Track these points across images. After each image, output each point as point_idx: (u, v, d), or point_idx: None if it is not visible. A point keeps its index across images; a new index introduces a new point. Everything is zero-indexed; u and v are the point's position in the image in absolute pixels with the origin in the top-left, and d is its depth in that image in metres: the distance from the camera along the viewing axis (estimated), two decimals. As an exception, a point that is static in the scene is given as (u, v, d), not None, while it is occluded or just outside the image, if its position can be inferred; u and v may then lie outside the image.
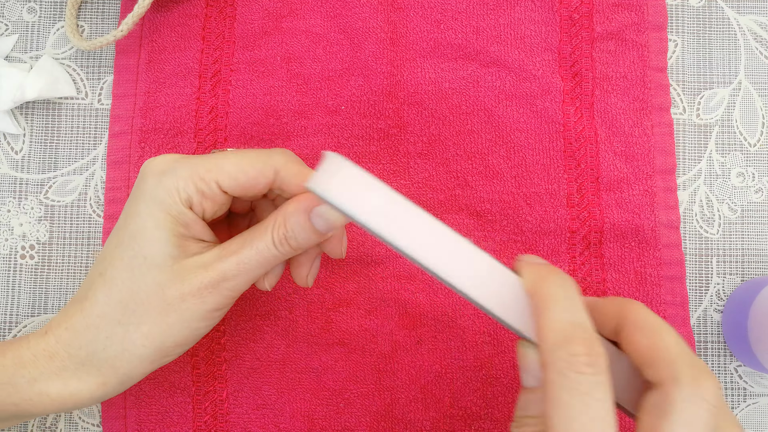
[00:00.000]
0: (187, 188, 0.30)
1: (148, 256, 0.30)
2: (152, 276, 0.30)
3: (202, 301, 0.30)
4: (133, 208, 0.31)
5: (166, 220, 0.30)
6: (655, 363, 0.24)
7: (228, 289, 0.31)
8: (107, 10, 0.44)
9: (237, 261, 0.30)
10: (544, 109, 0.42)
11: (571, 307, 0.24)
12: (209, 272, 0.30)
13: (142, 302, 0.30)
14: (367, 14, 0.42)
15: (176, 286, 0.30)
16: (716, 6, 0.44)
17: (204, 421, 0.40)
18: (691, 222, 0.42)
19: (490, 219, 0.41)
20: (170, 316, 0.30)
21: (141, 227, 0.30)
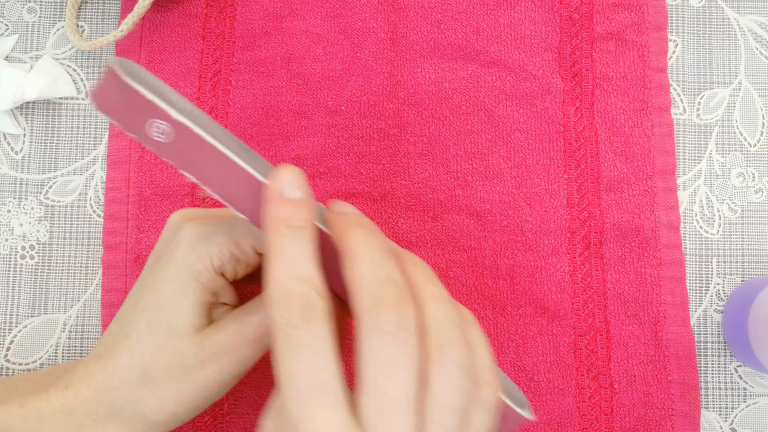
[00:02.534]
0: (221, 256, 0.29)
1: (173, 325, 0.29)
2: (174, 344, 0.29)
3: (220, 368, 0.29)
4: (163, 273, 0.30)
5: (195, 290, 0.29)
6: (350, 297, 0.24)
7: (248, 356, 0.30)
8: (107, 10, 0.44)
9: (258, 321, 0.29)
10: (544, 110, 0.42)
11: (294, 259, 0.24)
12: (228, 336, 0.29)
13: (162, 369, 0.29)
14: (367, 14, 0.42)
15: (195, 354, 0.29)
16: (716, 6, 0.44)
17: (204, 421, 0.40)
18: (691, 222, 0.42)
19: (490, 219, 0.41)
20: (185, 384, 0.29)
21: (170, 295, 0.29)
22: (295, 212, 0.25)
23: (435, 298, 0.25)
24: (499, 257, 0.41)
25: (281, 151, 0.41)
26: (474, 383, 0.24)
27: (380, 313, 0.23)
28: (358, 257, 0.24)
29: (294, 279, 0.24)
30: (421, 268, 0.26)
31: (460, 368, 0.24)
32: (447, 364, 0.23)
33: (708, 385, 0.41)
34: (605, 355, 0.40)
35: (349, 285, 0.24)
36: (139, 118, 0.25)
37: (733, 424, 0.41)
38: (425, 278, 0.25)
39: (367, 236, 0.25)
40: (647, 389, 0.40)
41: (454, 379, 0.23)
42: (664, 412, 0.40)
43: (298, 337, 0.23)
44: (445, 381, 0.23)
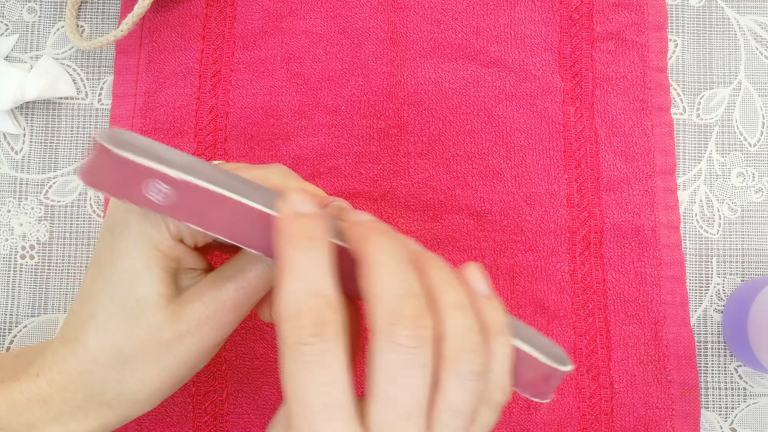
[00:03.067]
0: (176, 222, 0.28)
1: (140, 298, 0.28)
2: (146, 319, 0.28)
3: (200, 338, 0.28)
4: (119, 245, 0.28)
5: (157, 258, 0.28)
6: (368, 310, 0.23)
7: (229, 322, 0.28)
8: (107, 10, 0.44)
9: (235, 287, 0.28)
10: (544, 109, 0.42)
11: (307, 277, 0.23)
12: (206, 304, 0.28)
13: (137, 347, 0.28)
14: (367, 14, 0.42)
15: (172, 327, 0.28)
16: (716, 6, 0.44)
17: (204, 421, 0.40)
18: (691, 222, 0.42)
19: (490, 219, 0.41)
20: (167, 359, 0.28)
21: (130, 267, 0.28)
22: (308, 224, 0.24)
23: (453, 305, 0.24)
24: (499, 257, 0.41)
25: (281, 151, 0.41)
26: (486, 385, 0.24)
27: (397, 327, 0.23)
28: (377, 269, 0.24)
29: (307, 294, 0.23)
30: (441, 271, 0.25)
31: (475, 374, 0.24)
32: (461, 370, 0.23)
33: (708, 385, 0.41)
34: (605, 355, 0.40)
35: (367, 297, 0.23)
36: (133, 184, 0.24)
37: (733, 424, 0.41)
38: (445, 283, 0.25)
39: (386, 244, 0.24)
40: (647, 389, 0.40)
41: (467, 385, 0.23)
42: (664, 412, 0.40)
43: (310, 354, 0.22)
44: (458, 387, 0.23)
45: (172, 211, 0.25)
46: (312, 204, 0.25)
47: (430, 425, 0.23)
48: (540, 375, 0.27)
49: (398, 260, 0.24)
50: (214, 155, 0.42)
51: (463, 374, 0.23)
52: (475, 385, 0.24)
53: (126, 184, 0.24)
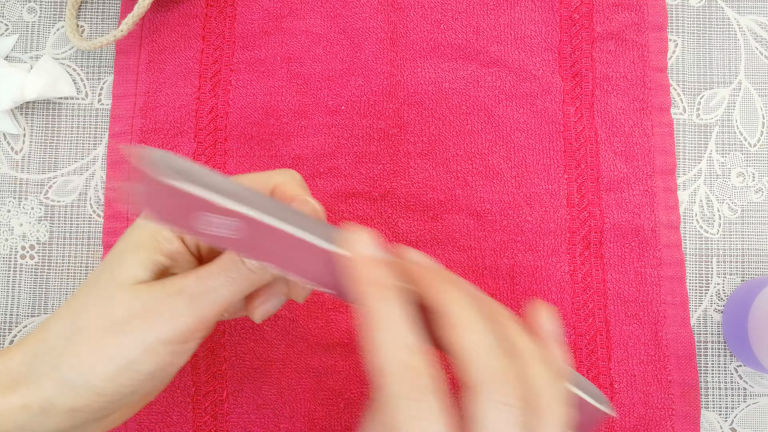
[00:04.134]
0: None
1: (116, 274, 0.27)
2: (108, 293, 0.27)
3: (148, 326, 0.26)
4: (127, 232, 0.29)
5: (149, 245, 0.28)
6: (458, 364, 0.24)
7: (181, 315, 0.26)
8: (107, 10, 0.44)
9: (196, 275, 0.27)
10: (544, 109, 0.42)
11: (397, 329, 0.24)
12: (164, 288, 0.27)
13: (89, 320, 0.27)
14: (367, 14, 0.42)
15: (126, 306, 0.27)
16: (716, 6, 0.44)
17: (204, 421, 0.40)
18: (691, 222, 0.42)
19: (490, 219, 0.41)
20: (109, 341, 0.26)
21: (123, 248, 0.28)
22: (381, 272, 0.25)
23: (534, 357, 0.26)
24: (499, 257, 0.41)
25: (281, 151, 0.41)
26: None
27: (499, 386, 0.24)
28: (463, 324, 0.25)
29: (401, 348, 0.24)
30: (511, 321, 0.27)
31: (564, 422, 0.25)
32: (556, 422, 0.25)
33: (708, 385, 0.41)
34: (605, 355, 0.40)
35: (457, 352, 0.24)
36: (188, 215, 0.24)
37: (733, 424, 0.41)
38: (519, 335, 0.26)
39: (463, 297, 0.25)
40: (647, 389, 0.40)
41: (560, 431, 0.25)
42: (664, 412, 0.40)
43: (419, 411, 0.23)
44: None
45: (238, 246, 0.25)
46: (377, 246, 0.26)
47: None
48: (587, 417, 0.28)
49: (479, 314, 0.25)
50: (214, 155, 0.42)
51: (556, 424, 0.25)
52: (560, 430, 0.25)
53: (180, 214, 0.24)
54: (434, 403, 0.23)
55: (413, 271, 0.27)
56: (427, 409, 0.23)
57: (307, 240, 0.25)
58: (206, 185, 0.24)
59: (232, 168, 0.42)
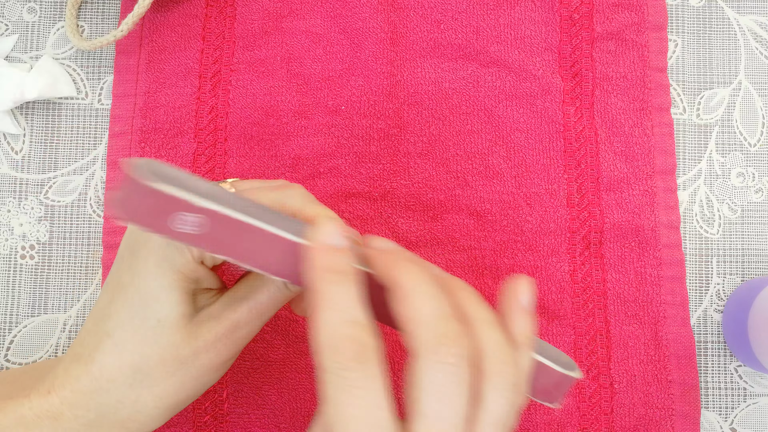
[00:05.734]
0: None
1: (162, 318, 0.29)
2: (166, 338, 0.29)
3: (216, 354, 0.29)
4: (140, 266, 0.29)
5: (179, 280, 0.29)
6: (405, 334, 0.25)
7: (241, 338, 0.30)
8: (107, 10, 0.44)
9: (248, 308, 0.30)
10: (544, 109, 0.42)
11: (343, 307, 0.25)
12: (221, 323, 0.29)
13: (156, 365, 0.29)
14: (367, 14, 0.42)
15: (189, 344, 0.29)
16: (716, 6, 0.44)
17: (204, 421, 0.40)
18: (691, 222, 0.42)
19: (490, 219, 0.41)
20: (184, 375, 0.29)
21: (153, 289, 0.29)
22: (338, 258, 0.26)
23: (485, 322, 0.26)
24: (499, 257, 0.41)
25: (281, 151, 0.41)
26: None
27: (442, 347, 0.24)
28: (412, 294, 0.25)
29: (344, 322, 0.24)
30: (468, 293, 0.27)
31: (512, 385, 0.25)
32: (502, 383, 0.25)
33: (708, 385, 0.41)
34: (605, 355, 0.40)
35: (406, 321, 0.25)
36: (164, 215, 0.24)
37: (733, 424, 0.41)
38: (474, 303, 0.27)
39: (416, 271, 0.26)
40: (647, 389, 0.40)
41: (507, 395, 0.25)
42: (664, 412, 0.40)
43: (353, 380, 0.24)
44: (500, 398, 0.25)
45: (201, 242, 0.25)
46: (341, 236, 0.26)
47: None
48: (553, 382, 0.29)
49: (431, 285, 0.25)
50: (214, 155, 0.42)
51: (504, 386, 0.25)
52: (512, 395, 0.25)
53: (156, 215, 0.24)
54: (372, 371, 0.24)
55: (373, 255, 0.27)
56: (363, 378, 0.24)
57: (271, 231, 0.26)
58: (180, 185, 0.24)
59: (232, 168, 0.42)
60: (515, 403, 0.26)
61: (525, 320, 0.27)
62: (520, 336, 0.27)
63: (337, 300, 0.25)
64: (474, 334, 0.25)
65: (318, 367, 0.24)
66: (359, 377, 0.24)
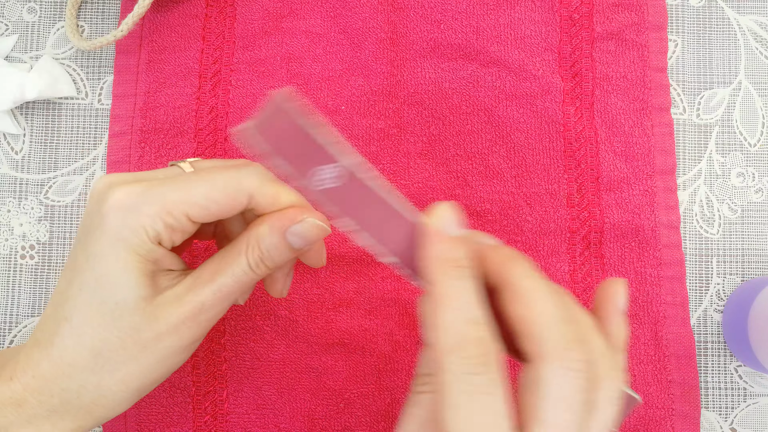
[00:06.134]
0: (155, 225, 0.28)
1: (120, 301, 0.28)
2: (125, 321, 0.28)
3: (179, 337, 0.29)
4: (95, 248, 0.28)
5: (135, 261, 0.28)
6: (526, 336, 0.24)
7: (206, 321, 0.29)
8: (107, 10, 0.44)
9: (212, 290, 0.29)
10: (544, 109, 0.42)
11: (465, 305, 0.24)
12: (184, 306, 0.29)
13: (116, 349, 0.28)
14: (367, 14, 0.42)
15: (151, 327, 0.28)
16: (716, 6, 0.44)
17: (204, 421, 0.40)
18: (691, 222, 0.42)
19: (490, 219, 0.41)
20: (147, 358, 0.28)
21: (108, 271, 0.28)
22: (460, 251, 0.25)
23: (593, 328, 0.26)
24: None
25: (281, 151, 0.41)
26: None
27: (569, 352, 0.24)
28: (534, 296, 0.25)
29: (467, 322, 0.24)
30: (571, 297, 0.27)
31: (620, 391, 0.25)
32: (613, 390, 0.25)
33: (708, 385, 0.41)
34: (605, 355, 0.40)
35: (526, 323, 0.24)
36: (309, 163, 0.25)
37: (733, 424, 0.41)
38: (579, 308, 0.26)
39: (534, 273, 0.25)
40: (647, 389, 0.40)
41: (616, 401, 0.25)
42: (664, 412, 0.40)
43: (479, 385, 0.23)
44: (609, 404, 0.25)
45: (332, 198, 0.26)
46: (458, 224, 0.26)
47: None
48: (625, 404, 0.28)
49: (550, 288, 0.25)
50: (214, 155, 0.42)
51: (613, 392, 0.25)
52: (618, 401, 0.25)
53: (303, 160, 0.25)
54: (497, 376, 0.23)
55: (484, 250, 0.26)
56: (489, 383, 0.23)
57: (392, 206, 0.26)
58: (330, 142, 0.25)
59: (232, 168, 0.42)
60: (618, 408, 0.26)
61: (623, 324, 0.27)
62: (618, 341, 0.27)
63: (460, 297, 0.24)
64: (587, 339, 0.25)
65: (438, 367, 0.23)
66: (485, 382, 0.23)
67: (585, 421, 0.24)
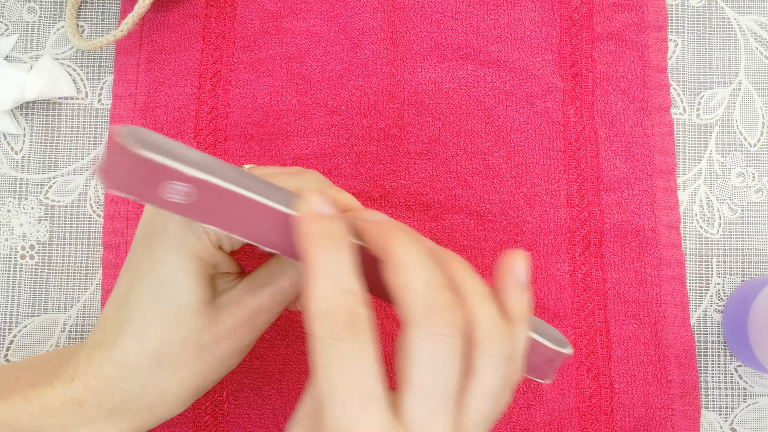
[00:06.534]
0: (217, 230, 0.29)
1: (183, 304, 0.29)
2: (187, 324, 0.29)
3: (237, 339, 0.30)
4: (158, 253, 0.29)
5: (197, 266, 0.29)
6: (398, 303, 0.25)
7: (262, 323, 0.30)
8: (107, 10, 0.44)
9: (269, 293, 0.30)
10: (544, 109, 0.42)
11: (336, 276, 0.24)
12: (242, 309, 0.29)
13: (178, 351, 0.29)
14: (367, 14, 0.42)
15: (211, 330, 0.29)
16: (716, 6, 0.44)
17: (204, 421, 0.40)
18: (691, 222, 0.42)
19: (490, 219, 0.41)
20: (206, 360, 0.29)
21: (172, 275, 0.29)
22: (330, 225, 0.26)
23: (479, 294, 0.26)
24: (499, 257, 0.41)
25: (281, 151, 0.41)
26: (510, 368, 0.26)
27: (435, 317, 0.24)
28: (405, 264, 0.25)
29: (335, 291, 0.24)
30: (461, 264, 0.27)
31: (506, 358, 0.25)
32: (495, 355, 0.25)
33: (708, 385, 0.41)
34: (605, 355, 0.40)
35: (398, 291, 0.25)
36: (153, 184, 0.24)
37: (733, 424, 0.41)
38: (467, 275, 0.26)
39: (410, 242, 0.25)
40: (647, 389, 0.40)
41: (500, 368, 0.25)
42: (664, 412, 0.40)
43: (344, 349, 0.23)
44: (492, 371, 0.25)
45: (191, 211, 0.25)
46: (330, 205, 0.26)
47: (461, 410, 0.25)
48: (545, 358, 0.29)
49: (423, 256, 0.25)
50: (214, 155, 0.42)
51: (496, 359, 0.25)
52: (505, 368, 0.25)
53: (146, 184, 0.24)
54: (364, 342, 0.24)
55: (365, 226, 0.27)
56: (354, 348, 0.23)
57: (259, 201, 0.26)
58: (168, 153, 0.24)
59: (232, 168, 0.42)
60: (509, 377, 0.26)
61: (521, 295, 0.27)
62: (515, 310, 0.27)
63: (330, 268, 0.24)
64: (467, 305, 0.25)
65: (309, 336, 0.24)
66: (351, 347, 0.23)
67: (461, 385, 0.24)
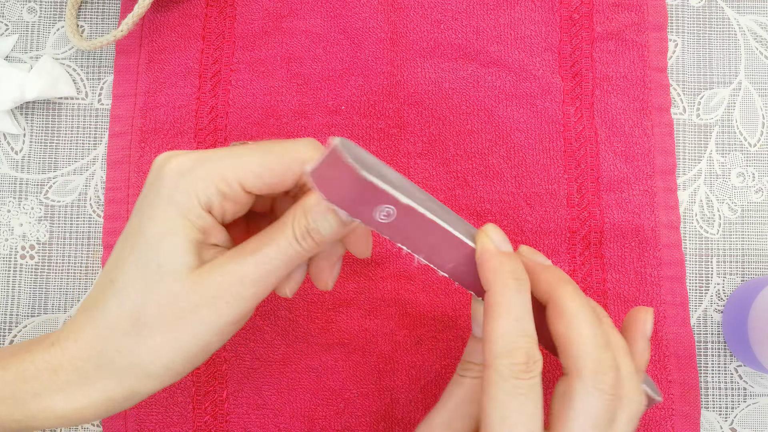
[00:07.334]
0: (207, 190, 0.28)
1: (163, 264, 0.28)
2: (166, 285, 0.28)
3: (216, 312, 0.28)
4: (148, 211, 0.28)
5: (184, 226, 0.28)
6: (565, 353, 0.28)
7: (246, 299, 0.28)
8: (107, 10, 0.44)
9: (255, 261, 0.28)
10: (544, 109, 0.42)
11: (520, 318, 0.27)
12: (225, 276, 0.28)
13: (154, 314, 0.28)
14: (367, 14, 0.42)
15: (189, 297, 0.28)
16: (716, 6, 0.44)
17: (204, 421, 0.40)
18: (691, 222, 0.42)
19: (490, 219, 0.41)
20: (181, 330, 0.28)
21: (157, 233, 0.28)
22: (517, 264, 0.28)
23: (623, 351, 0.29)
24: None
25: (281, 151, 0.41)
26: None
27: (601, 375, 0.27)
28: (576, 317, 0.28)
29: (519, 334, 0.27)
30: (608, 319, 0.30)
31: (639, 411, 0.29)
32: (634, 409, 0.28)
33: (708, 385, 0.41)
34: (605, 355, 0.40)
35: (566, 342, 0.28)
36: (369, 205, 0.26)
37: (733, 424, 0.41)
38: (613, 330, 0.30)
39: (579, 296, 0.29)
40: (647, 389, 0.40)
41: (635, 421, 0.28)
42: (664, 412, 0.40)
43: (522, 389, 0.26)
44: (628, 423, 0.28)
45: (388, 230, 0.27)
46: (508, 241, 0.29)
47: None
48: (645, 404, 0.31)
49: (591, 312, 0.28)
50: (214, 155, 0.42)
51: (633, 412, 0.28)
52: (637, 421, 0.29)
53: (363, 204, 0.26)
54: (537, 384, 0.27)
55: (532, 267, 0.30)
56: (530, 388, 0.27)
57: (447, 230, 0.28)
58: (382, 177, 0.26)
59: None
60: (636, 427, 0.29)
61: (646, 348, 0.31)
62: (640, 362, 0.31)
63: (516, 309, 0.27)
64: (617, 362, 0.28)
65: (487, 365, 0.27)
66: (527, 389, 0.26)
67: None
